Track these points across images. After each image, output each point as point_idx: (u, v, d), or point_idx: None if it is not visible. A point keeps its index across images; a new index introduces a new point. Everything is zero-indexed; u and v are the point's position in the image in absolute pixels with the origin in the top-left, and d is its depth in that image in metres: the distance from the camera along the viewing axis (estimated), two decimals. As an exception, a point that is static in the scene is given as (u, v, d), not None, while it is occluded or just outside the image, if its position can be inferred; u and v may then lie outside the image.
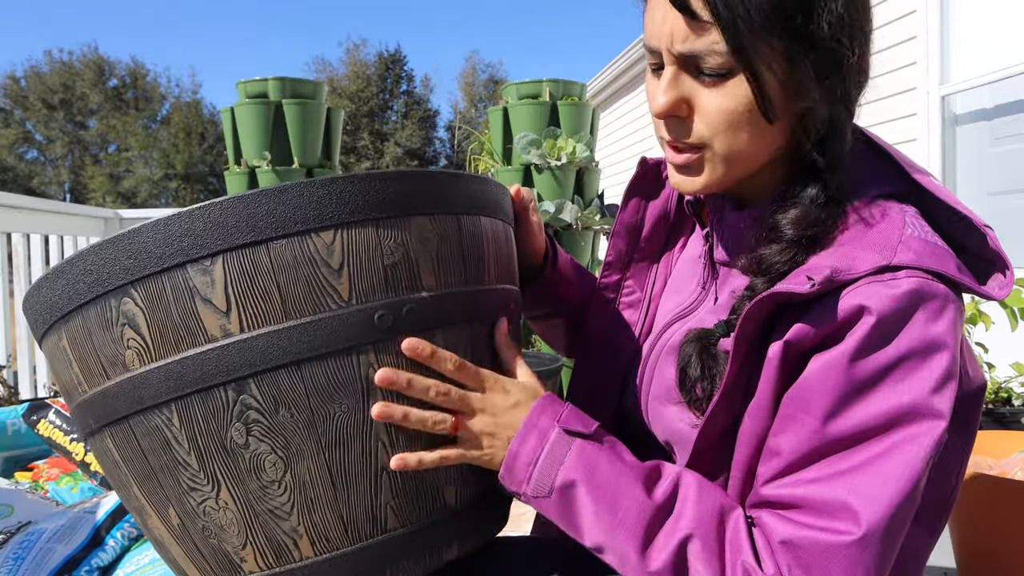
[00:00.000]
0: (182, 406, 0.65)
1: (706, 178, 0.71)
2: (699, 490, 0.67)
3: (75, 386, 0.71)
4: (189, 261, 0.63)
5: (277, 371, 0.64)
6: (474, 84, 31.20)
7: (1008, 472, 1.68)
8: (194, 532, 0.70)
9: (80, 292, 0.66)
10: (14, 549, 1.35)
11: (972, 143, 3.61)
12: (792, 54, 0.64)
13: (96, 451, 0.75)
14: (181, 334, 0.64)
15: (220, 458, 0.66)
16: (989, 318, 2.12)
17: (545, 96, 3.50)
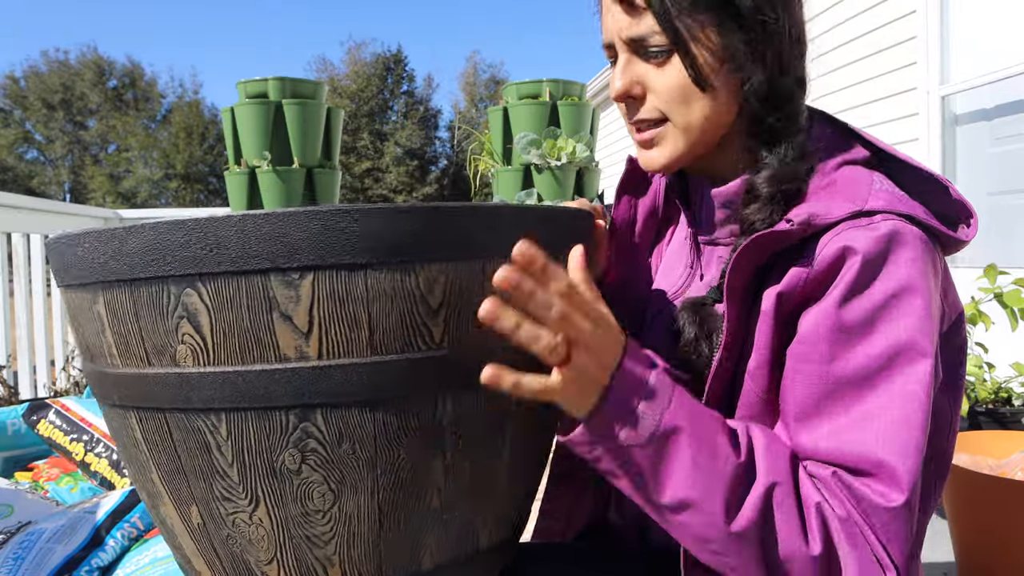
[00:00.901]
0: (235, 419, 0.60)
1: (669, 151, 0.77)
2: (768, 440, 0.67)
3: (103, 353, 0.65)
4: (275, 270, 0.57)
5: (350, 407, 0.60)
6: (475, 84, 31.21)
7: (1008, 472, 1.68)
8: (215, 536, 0.66)
9: (134, 266, 0.59)
10: (14, 549, 1.35)
11: (972, 143, 3.61)
12: (722, 28, 0.71)
13: (113, 421, 0.70)
14: (249, 345, 0.58)
15: (266, 478, 0.62)
16: (989, 318, 2.12)
17: (545, 96, 3.50)
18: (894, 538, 0.63)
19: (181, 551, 0.72)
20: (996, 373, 2.36)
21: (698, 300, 0.76)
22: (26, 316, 2.96)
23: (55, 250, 0.67)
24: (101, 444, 1.80)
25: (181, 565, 0.74)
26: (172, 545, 0.73)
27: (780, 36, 0.72)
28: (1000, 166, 3.46)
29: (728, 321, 0.70)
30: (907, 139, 3.76)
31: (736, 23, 0.71)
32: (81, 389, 3.01)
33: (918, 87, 3.71)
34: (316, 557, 0.64)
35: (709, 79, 0.72)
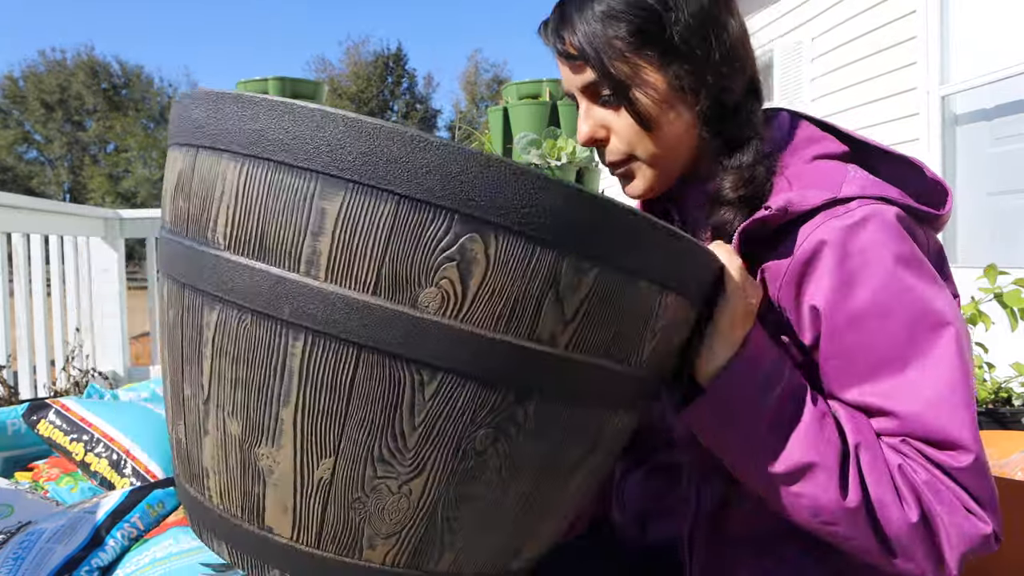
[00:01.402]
0: (451, 381, 0.56)
1: (643, 183, 0.81)
2: (849, 415, 0.70)
3: (298, 259, 0.55)
4: (573, 251, 0.55)
5: (558, 400, 0.59)
6: (476, 84, 31.22)
7: (1008, 472, 1.67)
8: (340, 496, 0.59)
9: (431, 188, 0.52)
10: (14, 549, 1.35)
11: (972, 143, 3.61)
12: (659, 66, 0.75)
13: (252, 333, 0.58)
14: (510, 314, 0.55)
15: (444, 452, 0.58)
16: (989, 318, 2.12)
17: (545, 96, 3.50)
18: (980, 492, 0.67)
19: (256, 499, 0.62)
20: (996, 373, 2.36)
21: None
22: (26, 316, 2.96)
23: (249, 110, 0.56)
24: (101, 444, 1.80)
25: (247, 517, 0.63)
26: (240, 489, 0.62)
27: (715, 59, 0.75)
28: (1000, 166, 3.46)
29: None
30: (907, 139, 3.77)
31: (671, 58, 0.74)
32: (81, 389, 3.01)
33: (918, 87, 3.71)
34: (442, 541, 0.61)
35: (656, 117, 0.76)
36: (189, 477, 0.68)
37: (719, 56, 0.75)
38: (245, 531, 0.64)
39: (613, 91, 0.75)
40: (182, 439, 0.68)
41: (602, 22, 0.73)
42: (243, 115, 0.57)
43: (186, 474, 0.69)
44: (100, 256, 3.49)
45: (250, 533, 0.63)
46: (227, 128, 0.58)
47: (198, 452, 0.65)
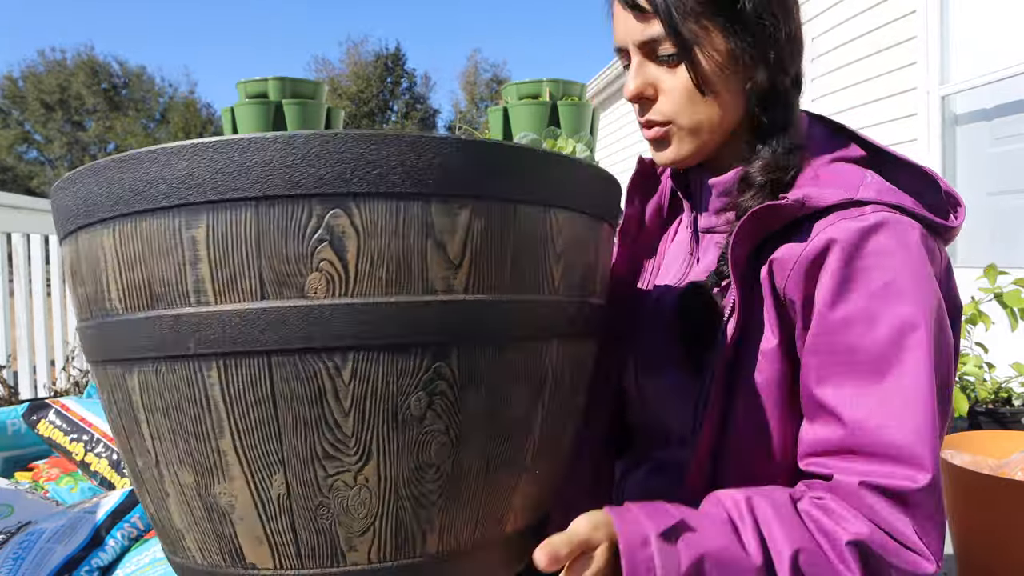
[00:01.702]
0: (364, 357, 0.56)
1: (676, 149, 0.80)
2: (772, 508, 0.66)
3: (184, 292, 0.57)
4: (437, 195, 0.55)
5: (484, 346, 0.59)
6: (476, 83, 31.22)
7: (1008, 472, 1.68)
8: (302, 509, 0.59)
9: (270, 181, 0.54)
10: (14, 549, 1.35)
11: (972, 143, 3.61)
12: (727, 33, 0.74)
13: (171, 380, 0.59)
14: (397, 274, 0.55)
15: (384, 427, 0.57)
16: (989, 318, 2.12)
17: (545, 96, 3.50)
18: (927, 521, 0.65)
19: (230, 541, 0.62)
20: (996, 373, 2.36)
21: (696, 284, 0.79)
22: (26, 316, 2.96)
23: (103, 176, 0.58)
24: (101, 444, 1.80)
25: (230, 562, 0.63)
26: (214, 535, 0.62)
27: (780, 38, 0.75)
28: (1000, 166, 3.46)
29: (736, 300, 0.73)
30: (907, 139, 3.76)
31: (740, 27, 0.74)
32: (81, 389, 3.01)
33: (918, 87, 3.71)
34: (419, 521, 0.60)
35: (714, 83, 0.75)
36: (172, 546, 0.68)
37: (784, 35, 0.76)
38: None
39: (678, 49, 0.75)
40: (153, 512, 0.69)
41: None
42: (99, 182, 0.59)
43: (169, 545, 0.69)
44: (100, 256, 3.48)
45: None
46: (91, 201, 0.60)
47: (168, 516, 0.65)
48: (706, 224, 0.86)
